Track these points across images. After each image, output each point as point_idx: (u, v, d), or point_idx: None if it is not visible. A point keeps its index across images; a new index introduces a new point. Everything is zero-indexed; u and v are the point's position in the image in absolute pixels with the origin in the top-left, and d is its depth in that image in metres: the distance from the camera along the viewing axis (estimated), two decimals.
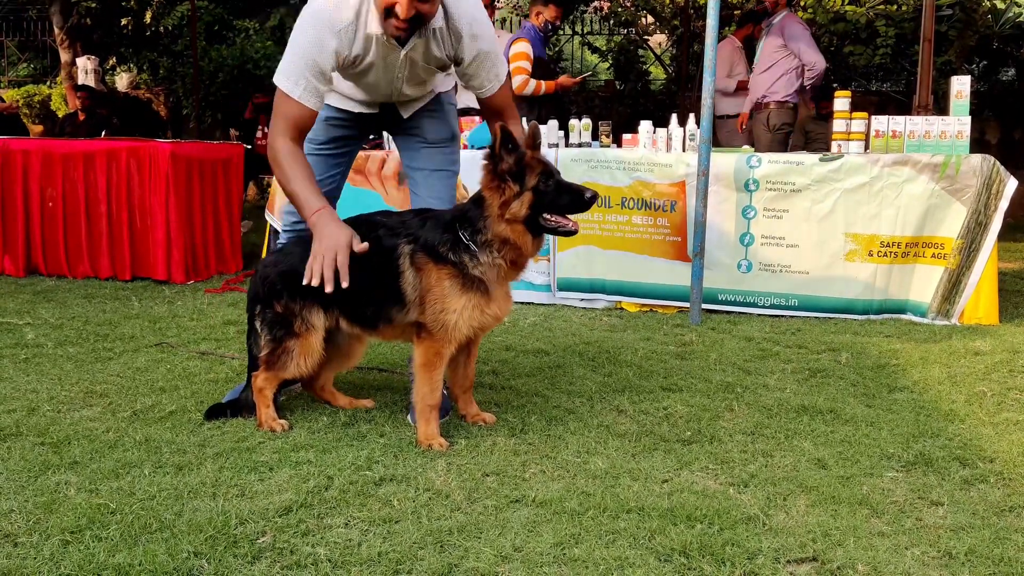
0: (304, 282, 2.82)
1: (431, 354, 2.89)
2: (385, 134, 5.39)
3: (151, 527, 2.20)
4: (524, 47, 6.75)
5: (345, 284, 2.79)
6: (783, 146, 7.33)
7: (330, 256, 2.78)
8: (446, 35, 2.95)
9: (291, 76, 2.85)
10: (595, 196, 2.83)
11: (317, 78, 2.86)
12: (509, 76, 3.27)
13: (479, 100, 3.19)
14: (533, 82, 6.69)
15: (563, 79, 7.02)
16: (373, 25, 2.85)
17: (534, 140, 2.82)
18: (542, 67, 6.91)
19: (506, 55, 6.94)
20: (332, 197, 3.31)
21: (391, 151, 5.64)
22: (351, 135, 3.32)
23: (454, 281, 2.83)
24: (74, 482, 2.50)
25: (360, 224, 2.99)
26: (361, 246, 2.83)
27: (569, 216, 2.84)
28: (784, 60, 7.20)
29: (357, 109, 3.24)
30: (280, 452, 2.75)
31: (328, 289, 2.78)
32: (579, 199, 2.82)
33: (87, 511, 2.28)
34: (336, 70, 2.95)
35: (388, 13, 2.80)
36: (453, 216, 2.89)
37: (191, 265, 6.25)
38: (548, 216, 2.81)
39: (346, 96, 3.22)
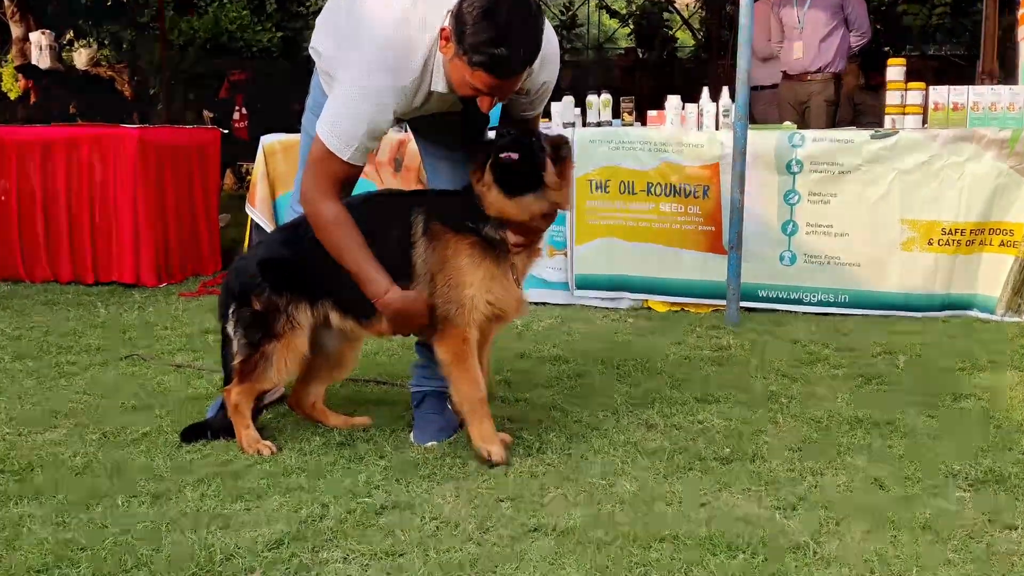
0: None
1: (456, 342, 2.90)
2: None
3: (126, 564, 2.23)
4: None
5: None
6: (834, 121, 7.31)
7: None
8: None
9: (343, 138, 2.80)
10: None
11: (371, 140, 2.87)
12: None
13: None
14: None
15: None
16: (440, 84, 2.83)
17: (557, 152, 2.91)
18: None
19: None
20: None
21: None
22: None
23: (473, 251, 2.88)
24: (38, 515, 2.52)
25: (369, 200, 3.05)
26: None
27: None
28: (839, 26, 7.17)
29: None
30: (269, 477, 2.77)
31: None
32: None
33: (54, 547, 2.31)
34: None
35: (466, 99, 2.83)
36: (466, 189, 2.98)
37: (163, 266, 6.27)
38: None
39: None
